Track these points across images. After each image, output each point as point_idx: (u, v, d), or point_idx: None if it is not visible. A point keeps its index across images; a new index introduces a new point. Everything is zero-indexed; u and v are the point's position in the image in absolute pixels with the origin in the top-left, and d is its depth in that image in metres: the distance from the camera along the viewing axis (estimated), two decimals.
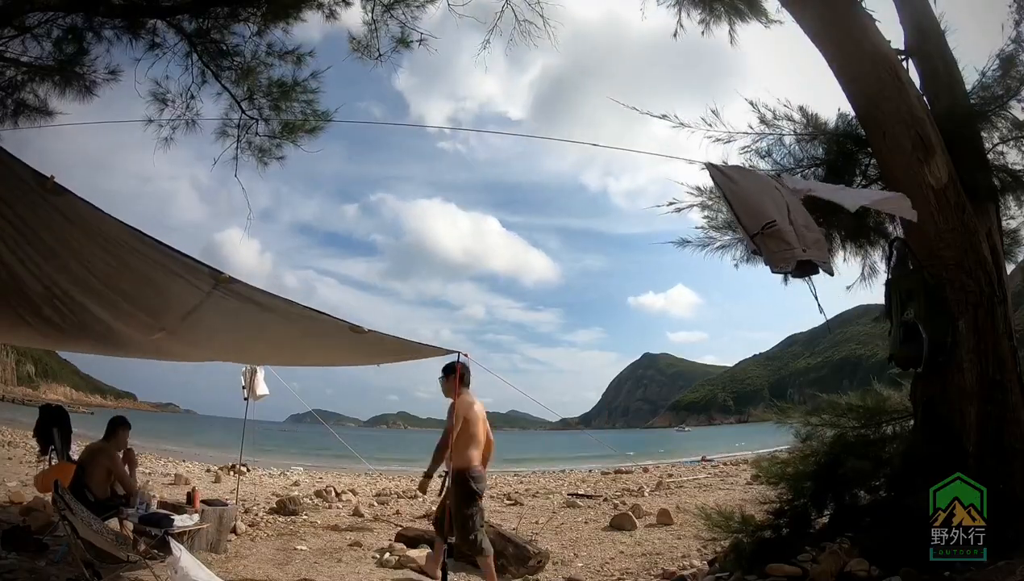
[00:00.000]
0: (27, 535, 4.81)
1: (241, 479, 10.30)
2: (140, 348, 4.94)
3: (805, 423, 4.50)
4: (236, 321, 3.90)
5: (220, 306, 3.47)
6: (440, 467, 4.62)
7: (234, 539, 6.05)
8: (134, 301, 3.62)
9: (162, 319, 3.92)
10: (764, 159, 5.34)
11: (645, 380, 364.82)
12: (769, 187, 3.25)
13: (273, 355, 6.01)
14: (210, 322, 3.91)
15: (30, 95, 6.23)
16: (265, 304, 3.45)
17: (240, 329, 4.26)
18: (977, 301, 3.68)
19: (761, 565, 3.74)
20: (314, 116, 6.74)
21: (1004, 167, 4.91)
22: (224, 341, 4.92)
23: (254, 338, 4.67)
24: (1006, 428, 3.54)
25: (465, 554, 5.42)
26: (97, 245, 2.93)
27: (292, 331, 4.20)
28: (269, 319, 3.73)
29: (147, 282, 3.29)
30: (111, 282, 3.36)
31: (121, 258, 3.01)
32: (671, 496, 10.87)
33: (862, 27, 4.19)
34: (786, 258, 3.10)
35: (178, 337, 4.32)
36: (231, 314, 3.66)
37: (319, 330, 4.07)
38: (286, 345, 4.98)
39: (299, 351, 5.35)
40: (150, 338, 4.34)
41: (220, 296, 3.31)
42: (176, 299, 3.51)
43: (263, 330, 4.19)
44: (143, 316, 3.87)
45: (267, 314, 3.61)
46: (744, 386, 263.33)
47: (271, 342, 4.83)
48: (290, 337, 4.44)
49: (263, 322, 3.83)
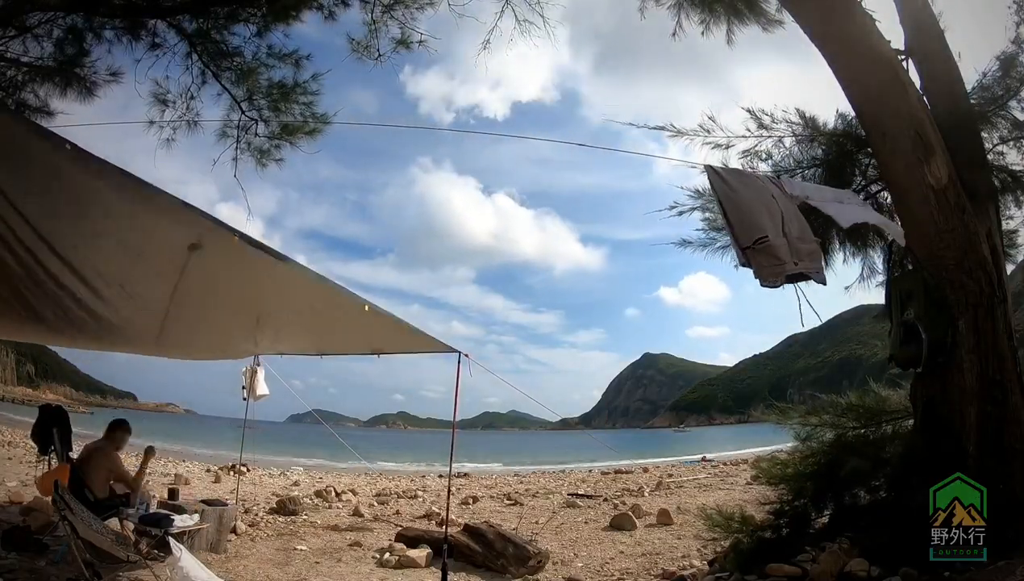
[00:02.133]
0: (27, 535, 4.81)
1: (241, 479, 10.30)
2: (140, 340, 4.90)
3: (805, 424, 4.50)
4: (239, 280, 3.85)
5: (222, 254, 3.43)
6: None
7: (234, 539, 6.05)
8: (137, 253, 3.58)
9: (162, 268, 3.84)
10: (765, 162, 5.36)
11: (645, 380, 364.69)
12: (766, 194, 3.27)
13: (269, 329, 5.77)
14: (212, 281, 3.84)
15: (31, 95, 6.24)
16: (272, 253, 3.44)
17: (245, 288, 4.17)
18: (977, 301, 3.68)
19: (761, 565, 3.74)
20: (313, 118, 6.74)
21: (1004, 167, 4.92)
22: (225, 305, 4.75)
23: (257, 300, 4.54)
24: (1006, 428, 3.55)
25: (465, 553, 5.42)
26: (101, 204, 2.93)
27: (298, 296, 4.19)
28: (275, 274, 3.72)
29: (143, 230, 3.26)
30: (107, 231, 3.31)
31: (114, 200, 2.99)
32: (671, 496, 10.86)
33: (862, 27, 4.20)
34: (776, 273, 3.13)
35: (183, 308, 4.24)
36: (233, 270, 3.63)
37: (325, 299, 4.07)
38: (289, 315, 4.88)
39: (302, 324, 5.24)
40: (155, 318, 4.30)
41: (217, 239, 3.28)
42: (173, 242, 3.45)
43: (267, 290, 4.13)
44: (143, 277, 3.83)
45: (273, 265, 3.59)
46: (744, 386, 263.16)
47: (274, 308, 4.69)
48: (296, 303, 4.39)
49: (269, 278, 3.81)
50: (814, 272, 3.24)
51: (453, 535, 5.52)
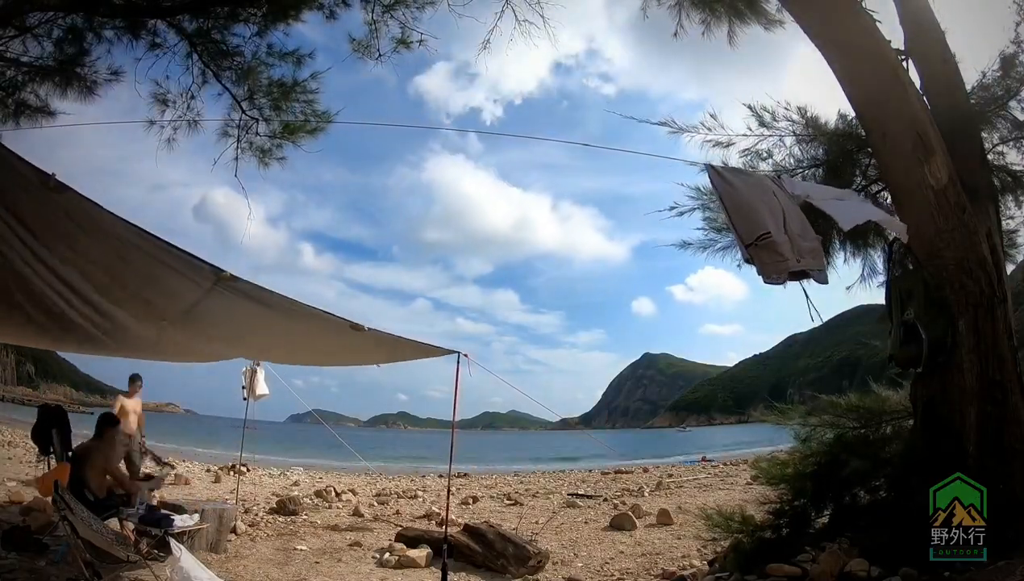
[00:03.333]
0: (27, 535, 4.81)
1: (241, 479, 10.29)
2: (139, 346, 4.93)
3: (805, 424, 4.50)
4: (237, 317, 3.92)
5: (222, 301, 3.49)
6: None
7: (234, 539, 6.05)
8: (136, 293, 3.62)
9: (164, 311, 3.92)
10: (765, 161, 5.36)
11: (645, 380, 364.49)
12: (767, 192, 3.26)
13: (274, 351, 5.98)
14: (212, 317, 3.93)
15: (31, 95, 6.23)
16: (267, 301, 3.47)
17: (241, 325, 4.27)
18: (977, 301, 3.68)
19: (761, 565, 3.74)
20: (314, 116, 6.74)
21: (1004, 167, 4.92)
22: (226, 336, 4.91)
23: (255, 333, 4.68)
24: (1006, 428, 3.55)
25: (465, 553, 5.42)
26: (97, 241, 2.94)
27: (294, 328, 4.21)
28: (271, 316, 3.75)
29: (148, 277, 3.31)
30: (113, 274, 3.36)
31: (122, 254, 3.04)
32: (671, 496, 10.87)
33: (863, 27, 4.19)
34: (779, 269, 3.13)
35: (180, 328, 4.32)
36: (232, 310, 3.69)
37: (320, 328, 4.08)
38: (287, 342, 4.99)
39: (300, 348, 5.36)
40: (152, 327, 4.34)
41: (221, 292, 3.32)
42: (177, 294, 3.52)
43: (266, 327, 4.21)
44: (144, 307, 3.87)
45: (269, 311, 3.63)
46: (744, 386, 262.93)
47: (272, 338, 4.84)
48: (292, 334, 4.46)
49: (266, 319, 3.85)
50: (816, 270, 3.23)
51: (453, 535, 5.52)
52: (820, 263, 3.28)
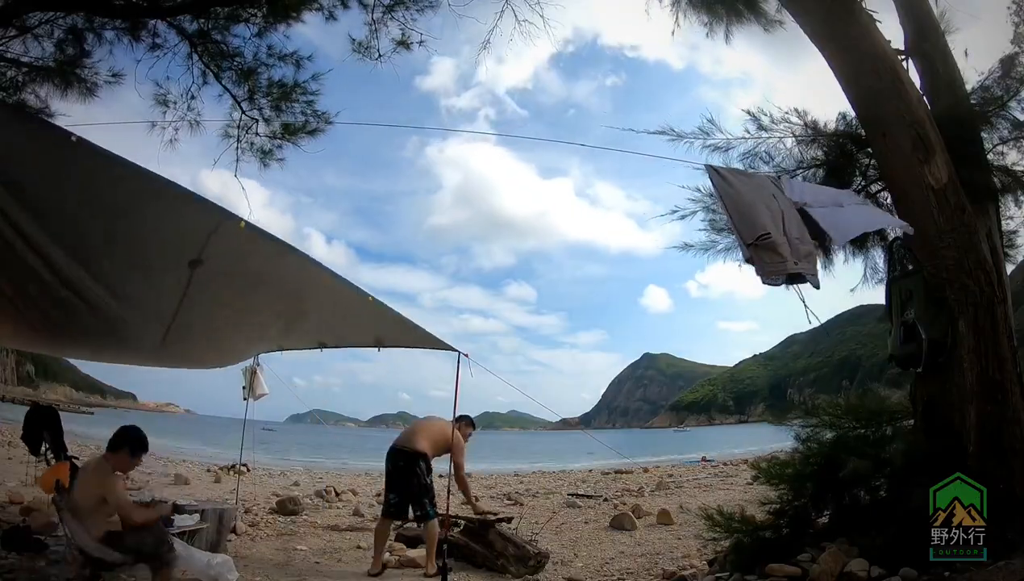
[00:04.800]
0: (27, 535, 4.81)
1: (241, 479, 10.29)
2: (140, 347, 4.91)
3: (805, 424, 4.50)
4: (246, 264, 3.86)
5: (231, 243, 3.43)
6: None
7: (234, 539, 6.05)
8: (143, 250, 3.57)
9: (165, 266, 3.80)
10: (766, 164, 5.37)
11: (645, 380, 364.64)
12: (767, 194, 3.28)
13: (274, 332, 5.69)
14: (220, 262, 3.80)
15: (31, 96, 6.24)
16: (280, 250, 3.48)
17: (248, 274, 4.13)
18: (977, 301, 3.68)
19: (761, 565, 3.74)
20: (315, 117, 6.75)
21: (1004, 167, 4.92)
22: (229, 307, 4.70)
23: (256, 292, 4.47)
24: (1006, 428, 3.55)
25: (465, 553, 5.43)
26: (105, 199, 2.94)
27: (300, 292, 4.26)
28: (280, 266, 3.77)
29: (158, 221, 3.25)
30: (119, 228, 3.30)
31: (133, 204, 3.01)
32: (671, 496, 10.87)
33: (862, 27, 4.20)
34: (778, 270, 3.15)
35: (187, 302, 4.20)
36: (244, 255, 3.65)
37: (329, 287, 4.11)
38: (288, 309, 4.88)
39: (298, 317, 5.18)
40: (154, 325, 4.30)
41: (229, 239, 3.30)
42: (188, 234, 3.41)
43: (273, 279, 4.15)
44: (143, 276, 3.82)
45: (279, 264, 3.65)
46: (744, 386, 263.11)
47: (277, 295, 4.62)
48: (296, 290, 4.41)
49: (274, 268, 3.86)
50: (810, 274, 3.26)
51: (453, 535, 5.52)
52: (814, 268, 3.30)
